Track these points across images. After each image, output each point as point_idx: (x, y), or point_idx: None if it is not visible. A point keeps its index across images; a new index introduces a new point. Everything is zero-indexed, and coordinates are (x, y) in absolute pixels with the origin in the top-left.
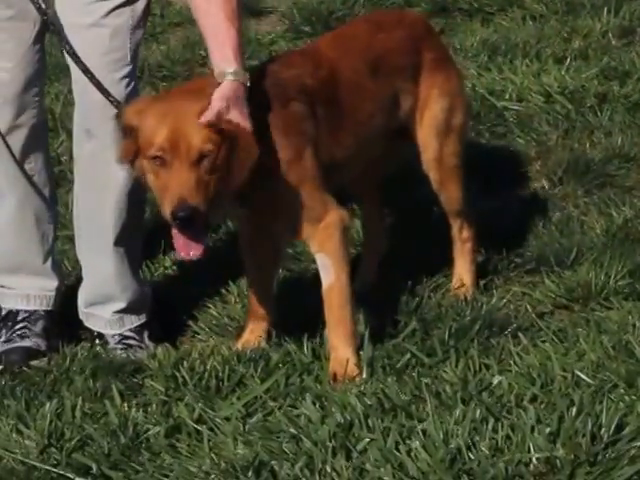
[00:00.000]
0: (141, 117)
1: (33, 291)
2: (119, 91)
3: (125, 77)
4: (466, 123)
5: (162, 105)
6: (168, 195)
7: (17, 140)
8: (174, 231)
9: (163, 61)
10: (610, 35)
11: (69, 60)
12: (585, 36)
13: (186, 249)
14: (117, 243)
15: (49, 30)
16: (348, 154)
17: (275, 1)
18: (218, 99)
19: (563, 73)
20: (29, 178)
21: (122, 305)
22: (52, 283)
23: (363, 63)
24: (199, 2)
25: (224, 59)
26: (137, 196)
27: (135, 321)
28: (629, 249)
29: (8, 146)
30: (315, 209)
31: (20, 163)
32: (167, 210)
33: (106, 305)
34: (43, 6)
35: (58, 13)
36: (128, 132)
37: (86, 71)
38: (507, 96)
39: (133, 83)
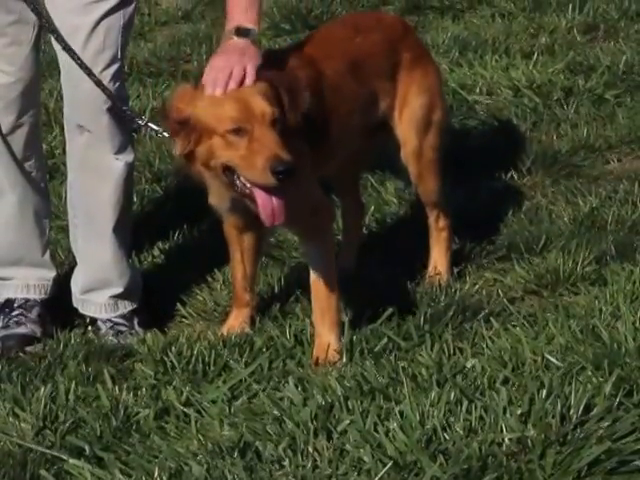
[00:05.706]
0: (194, 105)
1: (33, 281)
2: (109, 86)
3: (115, 73)
4: (445, 118)
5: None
6: (260, 156)
7: (18, 139)
8: (262, 198)
9: (150, 58)
10: (575, 31)
11: (60, 58)
12: (551, 32)
13: (273, 216)
14: (115, 230)
15: (50, 30)
16: (332, 148)
17: None
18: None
19: (531, 68)
20: (28, 175)
21: (119, 290)
22: (50, 273)
23: (343, 65)
24: None
25: (247, 20)
26: (130, 183)
27: (128, 306)
28: (595, 236)
29: (9, 145)
30: (307, 200)
31: (20, 161)
32: (264, 169)
33: (103, 290)
34: (39, 9)
35: (56, 15)
36: (181, 125)
37: (83, 66)
38: (477, 90)
39: (121, 79)
